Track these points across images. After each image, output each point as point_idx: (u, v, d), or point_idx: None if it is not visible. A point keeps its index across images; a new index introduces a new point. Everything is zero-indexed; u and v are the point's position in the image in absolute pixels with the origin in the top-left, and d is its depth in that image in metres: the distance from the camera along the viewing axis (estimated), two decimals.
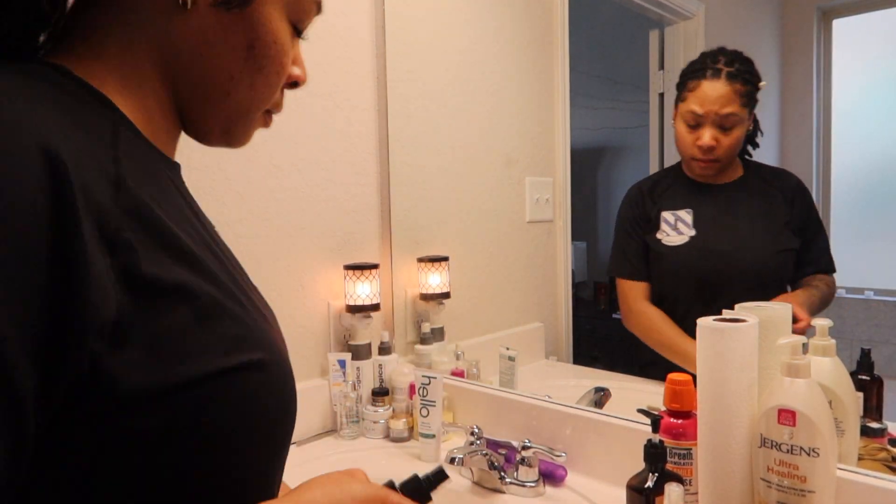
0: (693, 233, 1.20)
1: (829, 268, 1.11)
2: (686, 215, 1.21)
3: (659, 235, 1.24)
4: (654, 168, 1.37)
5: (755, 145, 1.19)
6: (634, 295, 1.30)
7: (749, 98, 1.12)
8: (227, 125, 0.55)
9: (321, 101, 1.36)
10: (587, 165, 1.57)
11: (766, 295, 1.09)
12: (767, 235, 1.15)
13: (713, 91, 1.13)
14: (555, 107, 1.58)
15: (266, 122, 0.59)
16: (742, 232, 1.17)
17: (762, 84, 1.13)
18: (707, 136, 1.14)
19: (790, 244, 1.13)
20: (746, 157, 1.20)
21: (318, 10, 0.60)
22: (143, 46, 0.49)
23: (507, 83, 1.60)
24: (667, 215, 1.23)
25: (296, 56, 0.59)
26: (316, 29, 1.47)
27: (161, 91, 0.51)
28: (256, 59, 0.52)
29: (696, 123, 1.15)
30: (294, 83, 0.59)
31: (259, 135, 1.29)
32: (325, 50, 1.37)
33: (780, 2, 1.23)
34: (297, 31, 0.58)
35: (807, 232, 1.13)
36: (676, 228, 1.22)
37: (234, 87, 0.53)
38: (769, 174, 1.18)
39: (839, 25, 1.15)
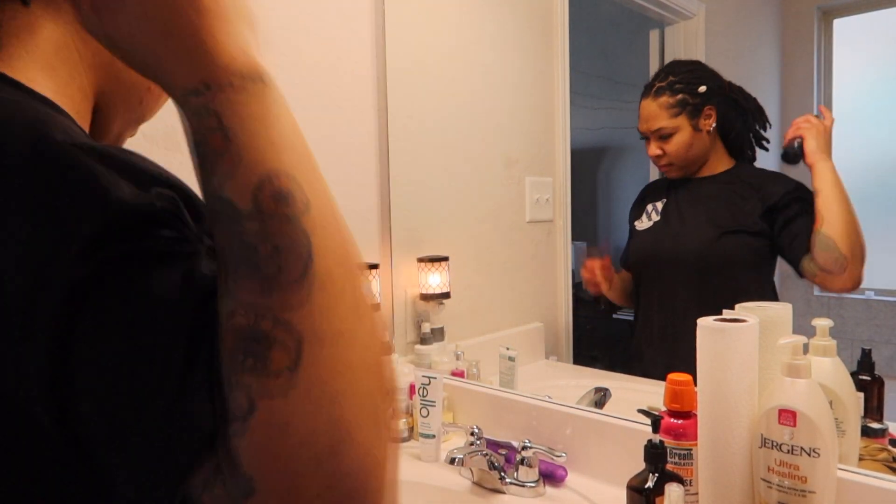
0: (658, 219, 1.30)
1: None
2: (660, 205, 1.31)
3: (636, 222, 1.34)
4: (653, 168, 1.38)
5: (760, 145, 1.19)
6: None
7: (681, 107, 1.21)
8: (122, 131, 0.55)
9: (321, 101, 1.36)
10: (587, 165, 1.57)
11: (714, 276, 1.18)
12: (716, 220, 1.20)
13: (644, 110, 1.26)
14: (555, 107, 1.57)
15: (133, 133, 0.60)
16: (694, 218, 1.25)
17: (701, 88, 1.20)
18: (651, 147, 1.26)
19: (742, 227, 1.15)
20: (749, 160, 1.21)
21: None
22: (80, 47, 0.48)
23: (507, 83, 1.60)
24: (649, 206, 1.33)
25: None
26: (316, 29, 1.47)
27: (89, 94, 0.50)
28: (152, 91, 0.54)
29: (644, 137, 1.28)
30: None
31: None
32: (325, 50, 1.37)
33: (780, 2, 1.23)
34: None
35: (783, 213, 1.12)
36: (650, 216, 1.32)
37: (147, 97, 0.54)
38: (755, 174, 1.19)
39: (839, 25, 1.14)
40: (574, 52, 1.54)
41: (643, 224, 1.32)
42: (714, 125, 1.20)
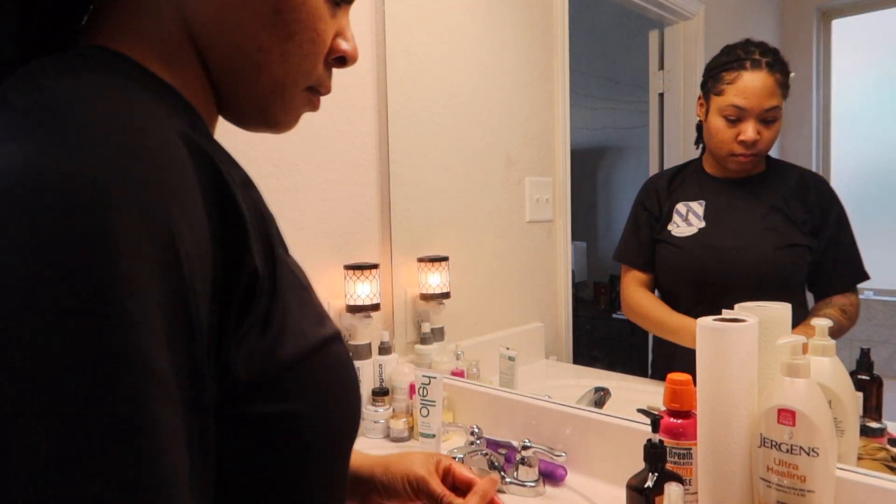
0: (703, 224, 1.17)
1: (855, 278, 1.07)
2: (698, 207, 1.18)
3: (670, 227, 1.21)
4: (653, 168, 1.38)
5: None
6: (631, 280, 1.29)
7: (786, 90, 1.09)
8: (263, 105, 0.50)
9: (321, 101, 1.36)
10: (587, 165, 1.58)
11: (769, 294, 1.08)
12: (772, 232, 1.12)
13: (756, 83, 1.08)
14: (555, 107, 1.58)
15: (313, 104, 0.53)
16: (748, 227, 1.14)
17: (793, 74, 1.09)
18: (751, 130, 1.09)
19: (797, 239, 1.09)
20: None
21: None
22: (173, 19, 0.45)
23: (507, 83, 1.60)
24: (680, 207, 1.20)
25: (341, 28, 0.51)
26: None
27: (199, 69, 0.46)
28: (285, 24, 0.46)
29: (737, 118, 1.10)
30: (341, 58, 0.52)
31: (259, 136, 1.28)
32: None
33: (779, 2, 1.23)
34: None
35: (825, 234, 1.08)
36: (687, 220, 1.19)
37: (264, 58, 0.47)
38: (791, 174, 1.15)
39: (839, 25, 1.15)
40: (574, 52, 1.54)
41: (682, 230, 1.19)
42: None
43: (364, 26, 1.45)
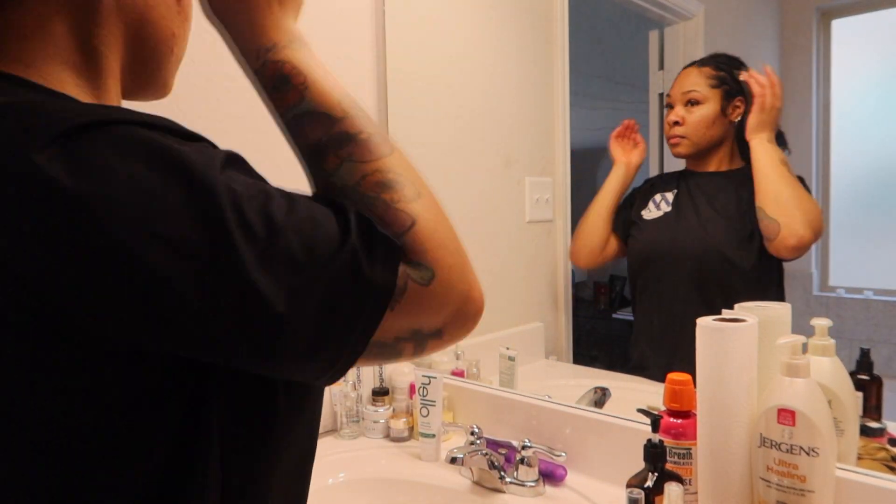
0: (668, 209, 1.27)
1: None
2: (670, 195, 1.28)
3: (643, 211, 1.31)
4: (653, 168, 1.38)
5: None
6: None
7: (719, 81, 1.19)
8: (168, 79, 0.57)
9: None
10: (587, 165, 1.58)
11: (719, 275, 1.17)
12: (732, 222, 1.18)
13: (682, 76, 1.24)
14: (555, 107, 1.58)
15: None
16: (707, 215, 1.22)
17: (742, 76, 1.17)
18: (672, 113, 1.23)
19: (751, 230, 1.13)
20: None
21: None
22: (95, 28, 0.48)
23: (507, 83, 1.60)
24: (657, 196, 1.30)
25: None
26: (316, 29, 1.47)
27: (116, 71, 0.51)
28: (183, 9, 0.54)
29: (669, 105, 1.25)
30: None
31: (259, 135, 1.28)
32: (325, 50, 1.37)
33: (779, 2, 1.24)
34: None
35: None
36: (658, 206, 1.29)
37: (176, 42, 0.54)
38: None
39: (838, 26, 1.15)
40: (574, 52, 1.54)
41: (651, 213, 1.29)
42: (739, 118, 1.18)
43: (364, 26, 1.45)
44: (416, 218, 0.48)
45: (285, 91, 0.52)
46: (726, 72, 1.19)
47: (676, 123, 1.22)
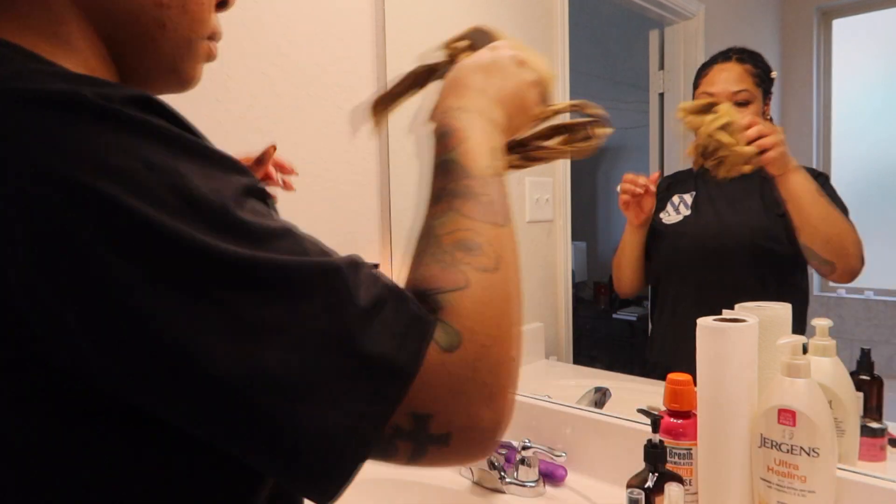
0: (689, 212, 1.23)
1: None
2: (689, 198, 1.24)
3: (661, 215, 1.27)
4: (653, 168, 1.38)
5: None
6: None
7: (760, 80, 1.14)
8: (173, 63, 0.49)
9: (321, 101, 1.36)
10: (587, 165, 1.57)
11: (747, 275, 1.14)
12: (755, 222, 1.16)
13: (724, 71, 1.16)
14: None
15: (211, 53, 0.53)
16: (729, 217, 1.20)
17: (773, 73, 1.15)
18: None
19: (775, 230, 1.12)
20: None
21: None
22: (69, 7, 0.43)
23: None
24: (675, 199, 1.26)
25: None
26: (316, 29, 1.47)
27: (96, 45, 0.45)
28: None
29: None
30: (223, 2, 0.53)
31: (259, 135, 1.28)
32: (325, 50, 1.37)
33: (779, 2, 1.23)
34: None
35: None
36: (678, 209, 1.25)
37: (166, 14, 0.46)
38: None
39: (839, 26, 1.15)
40: (574, 53, 1.54)
41: (671, 217, 1.26)
42: (769, 115, 1.16)
43: (364, 26, 1.45)
44: (470, 283, 0.42)
45: (446, 140, 0.52)
46: (763, 69, 1.15)
47: None
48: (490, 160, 0.51)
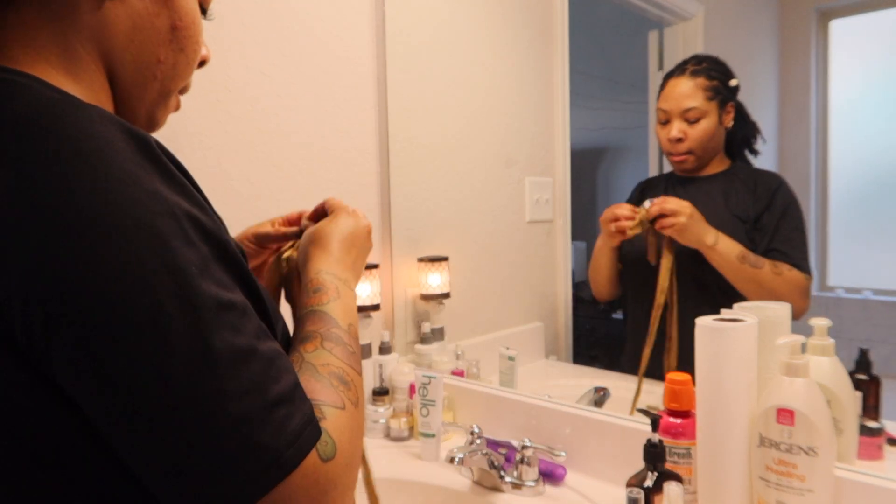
0: None
1: (800, 264, 1.10)
2: None
3: None
4: (653, 168, 1.38)
5: (752, 150, 1.20)
6: None
7: (715, 92, 1.18)
8: (151, 110, 0.57)
9: (321, 101, 1.37)
10: (587, 165, 1.58)
11: (708, 286, 1.15)
12: (715, 221, 1.17)
13: (675, 88, 1.21)
14: (555, 107, 1.58)
15: (177, 105, 0.61)
16: None
17: (733, 81, 1.17)
18: (674, 129, 1.20)
19: (737, 237, 1.13)
20: (742, 159, 1.21)
21: None
22: (79, 39, 0.49)
23: (507, 83, 1.61)
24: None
25: None
26: (316, 30, 1.47)
27: (105, 83, 0.52)
28: (179, 40, 0.55)
29: (665, 120, 1.22)
30: (202, 62, 0.61)
31: (259, 135, 1.29)
32: (325, 50, 1.37)
33: (778, 3, 1.24)
34: (203, 11, 0.60)
35: (770, 227, 1.14)
36: None
37: (161, 70, 0.54)
38: (750, 172, 1.20)
39: (837, 26, 1.15)
40: (574, 53, 1.54)
41: None
42: (731, 123, 1.19)
43: (364, 26, 1.45)
44: (346, 408, 0.50)
45: (320, 294, 0.61)
46: (719, 80, 1.18)
47: (679, 140, 1.20)
48: (353, 319, 0.61)
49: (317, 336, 0.56)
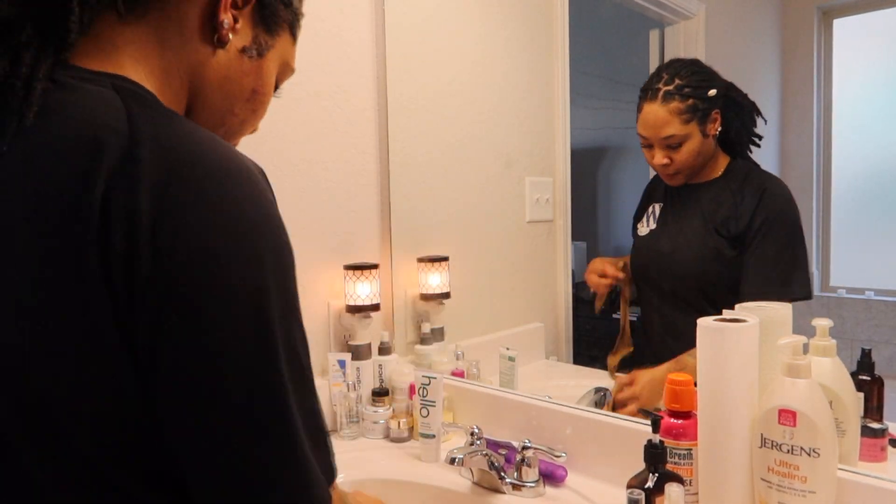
0: (654, 226, 1.26)
1: (767, 287, 1.08)
2: (658, 209, 1.27)
3: (639, 225, 1.30)
4: (653, 168, 1.37)
5: (752, 141, 1.17)
6: None
7: (692, 112, 1.14)
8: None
9: (321, 101, 1.36)
10: (587, 165, 1.57)
11: (693, 299, 1.18)
12: (697, 239, 1.18)
13: (650, 115, 1.18)
14: (555, 107, 1.57)
15: (255, 130, 0.68)
16: (680, 233, 1.23)
17: (711, 91, 1.14)
18: (658, 156, 1.19)
19: (720, 248, 1.13)
20: (743, 156, 1.19)
21: (292, 72, 0.68)
22: (181, 70, 0.55)
23: (507, 83, 1.60)
24: (650, 208, 1.29)
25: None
26: (317, 29, 1.47)
27: (182, 111, 0.57)
28: (255, 102, 0.61)
29: (647, 145, 1.21)
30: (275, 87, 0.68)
31: (260, 136, 1.29)
32: (325, 50, 1.37)
33: (780, 2, 1.23)
34: (276, 86, 0.67)
35: (756, 241, 1.11)
36: (649, 221, 1.28)
37: (230, 120, 0.60)
38: (743, 178, 1.17)
39: (839, 25, 1.14)
40: (574, 52, 1.54)
41: (643, 229, 1.29)
42: (719, 129, 1.16)
43: (364, 26, 1.45)
44: None
45: None
46: (694, 97, 1.14)
47: (665, 165, 1.19)
48: None
49: None
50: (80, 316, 0.41)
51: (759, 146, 1.18)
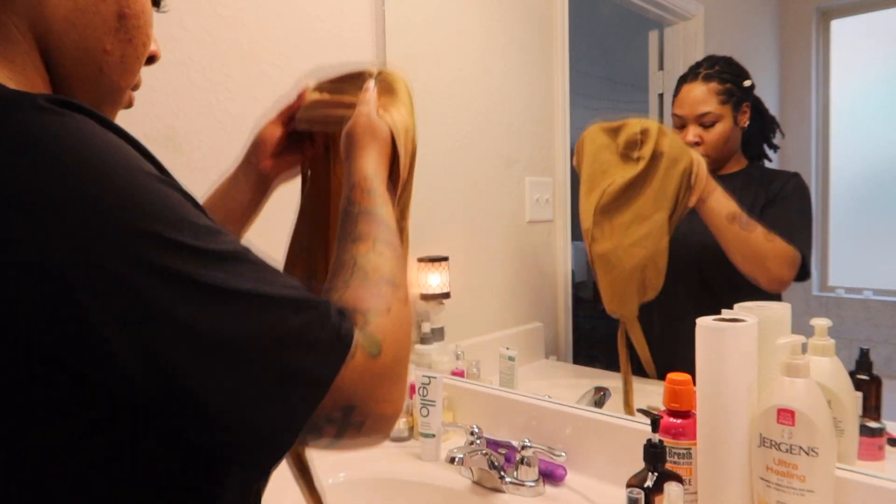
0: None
1: (795, 242, 1.11)
2: None
3: None
4: None
5: (771, 145, 1.20)
6: None
7: (728, 95, 1.19)
8: (99, 104, 0.52)
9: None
10: None
11: (713, 277, 1.19)
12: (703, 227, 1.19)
13: (688, 93, 1.22)
14: (555, 107, 1.58)
15: (130, 102, 0.58)
16: (688, 220, 1.22)
17: (747, 82, 1.18)
18: (690, 134, 1.22)
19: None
20: (760, 158, 1.21)
21: None
22: (10, 16, 0.46)
23: (507, 83, 1.60)
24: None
25: None
26: (316, 29, 1.47)
27: (41, 68, 0.48)
28: (127, 29, 0.51)
29: (681, 125, 1.24)
30: (152, 58, 0.57)
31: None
32: (325, 50, 1.37)
33: (779, 2, 1.24)
34: (156, 2, 0.56)
35: (774, 209, 1.15)
36: None
37: (106, 61, 0.50)
38: (764, 173, 1.20)
39: (838, 26, 1.15)
40: (574, 52, 1.54)
41: None
42: (748, 123, 1.19)
43: (364, 26, 1.45)
44: (391, 310, 0.53)
45: (372, 197, 0.61)
46: (732, 83, 1.19)
47: (696, 144, 1.21)
48: (396, 227, 0.63)
49: (369, 238, 0.58)
50: None
51: (770, 160, 1.21)
